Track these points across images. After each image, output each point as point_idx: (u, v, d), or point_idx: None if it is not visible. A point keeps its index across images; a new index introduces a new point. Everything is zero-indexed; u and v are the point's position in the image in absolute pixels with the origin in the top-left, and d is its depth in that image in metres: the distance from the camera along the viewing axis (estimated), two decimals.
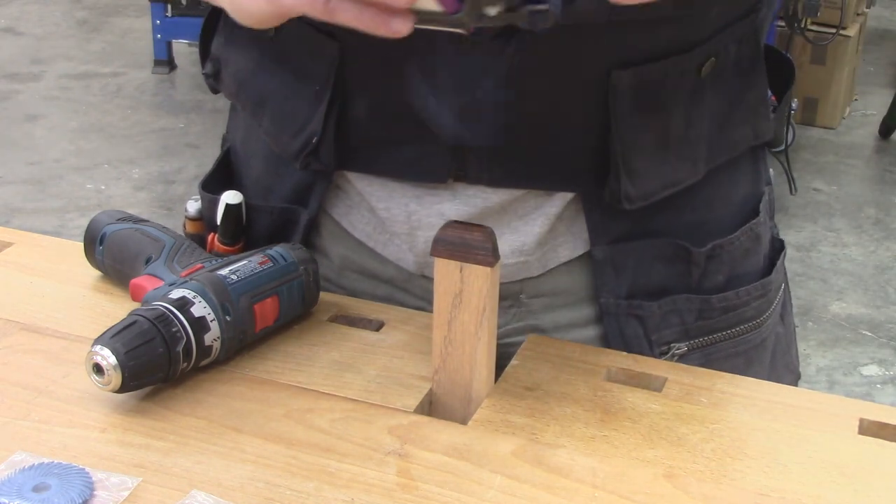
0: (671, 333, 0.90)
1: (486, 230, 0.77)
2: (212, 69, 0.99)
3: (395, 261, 0.92)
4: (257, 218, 0.96)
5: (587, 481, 0.73)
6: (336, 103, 0.86)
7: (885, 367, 2.92)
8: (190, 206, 1.00)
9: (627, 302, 0.89)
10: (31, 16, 5.51)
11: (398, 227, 0.90)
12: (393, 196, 0.89)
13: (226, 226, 0.95)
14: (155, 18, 4.65)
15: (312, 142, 0.87)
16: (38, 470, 0.71)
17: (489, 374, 0.81)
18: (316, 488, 0.71)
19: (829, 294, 3.25)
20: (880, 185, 4.01)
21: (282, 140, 0.91)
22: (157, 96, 4.60)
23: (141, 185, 3.80)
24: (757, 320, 0.94)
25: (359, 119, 0.87)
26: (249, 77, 0.94)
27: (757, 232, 0.94)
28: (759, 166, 0.96)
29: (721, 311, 0.91)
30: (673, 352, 0.90)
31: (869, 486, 0.73)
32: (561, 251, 0.89)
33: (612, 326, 0.89)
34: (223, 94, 1.00)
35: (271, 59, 0.91)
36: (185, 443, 0.75)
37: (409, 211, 0.89)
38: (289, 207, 0.94)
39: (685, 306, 0.90)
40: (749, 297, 0.93)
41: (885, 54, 5.22)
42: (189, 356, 0.79)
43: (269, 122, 0.92)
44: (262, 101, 0.92)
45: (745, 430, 0.78)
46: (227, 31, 0.97)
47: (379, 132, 0.87)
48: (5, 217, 3.52)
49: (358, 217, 0.93)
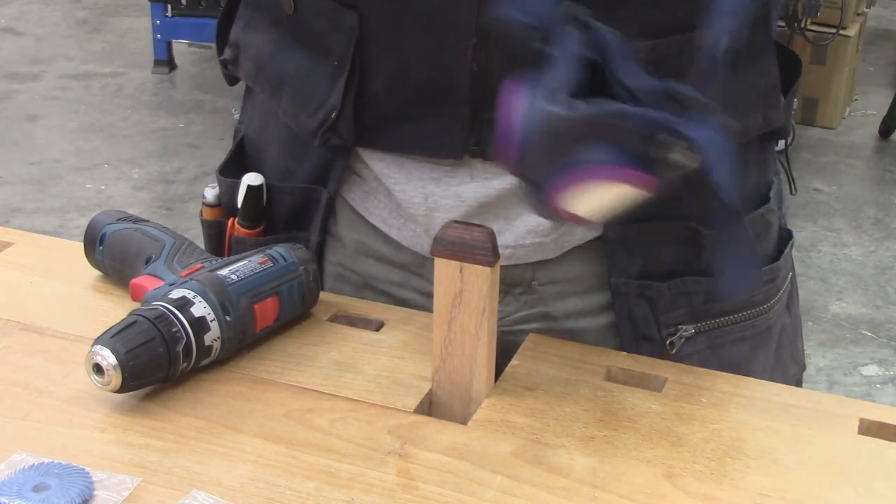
0: (679, 315, 0.91)
1: (487, 230, 0.77)
2: (231, 55, 0.99)
3: (410, 245, 0.93)
4: (278, 199, 0.97)
5: (587, 481, 0.73)
6: (355, 76, 0.87)
7: (885, 367, 2.92)
8: (208, 193, 1.01)
9: (638, 282, 0.90)
10: (31, 16, 5.50)
11: (415, 210, 0.90)
12: (410, 178, 0.89)
13: (247, 208, 0.96)
14: (155, 18, 4.65)
15: (331, 116, 0.88)
16: (38, 470, 0.71)
17: (489, 374, 0.81)
18: (316, 488, 0.71)
19: (829, 294, 3.25)
20: (880, 185, 4.01)
21: (300, 119, 0.91)
22: (157, 96, 4.60)
23: (141, 185, 3.80)
24: (764, 305, 0.95)
25: (377, 93, 0.87)
26: (268, 59, 0.95)
27: (767, 219, 0.95)
28: (769, 155, 0.98)
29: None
30: (681, 333, 0.91)
31: (869, 486, 0.73)
32: (577, 232, 0.90)
33: (622, 307, 0.90)
34: (241, 80, 1.01)
35: (291, 40, 0.92)
36: (185, 443, 0.75)
37: (427, 192, 0.89)
38: (309, 187, 0.95)
39: (694, 288, 0.91)
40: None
41: (885, 54, 5.21)
42: (189, 356, 0.79)
43: (287, 102, 0.93)
44: (281, 82, 0.93)
45: (745, 430, 0.78)
46: (247, 16, 0.98)
47: (397, 106, 0.87)
48: (5, 217, 3.51)
49: (374, 202, 0.93)
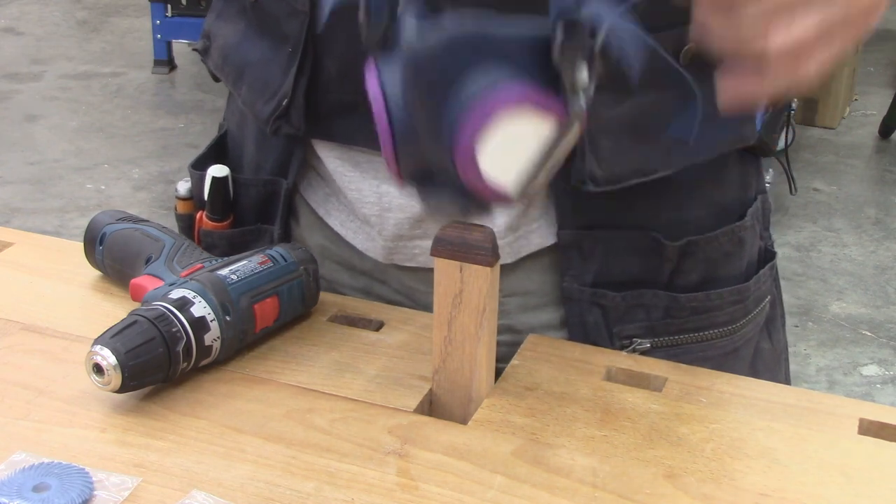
0: (634, 328, 0.89)
1: (486, 230, 0.77)
2: (202, 45, 1.00)
3: (365, 250, 0.93)
4: (245, 192, 0.97)
5: (587, 481, 0.73)
6: (307, 63, 0.87)
7: (885, 367, 2.92)
8: (180, 187, 1.02)
9: (591, 290, 0.88)
10: (31, 16, 5.50)
11: (368, 210, 0.90)
12: (364, 177, 0.89)
13: (213, 200, 0.97)
14: (155, 18, 4.65)
15: (282, 104, 0.88)
16: (38, 470, 0.71)
17: (489, 374, 0.81)
18: (316, 488, 0.71)
19: (829, 294, 3.25)
20: (880, 185, 4.01)
21: (256, 107, 0.91)
22: (157, 96, 4.60)
23: (141, 185, 3.80)
24: (729, 327, 0.92)
25: (330, 82, 0.87)
26: (233, 49, 0.95)
27: (740, 236, 0.92)
28: (749, 172, 0.94)
29: (690, 312, 0.90)
30: (635, 346, 0.89)
31: (869, 486, 0.73)
32: (533, 238, 0.89)
33: (574, 312, 0.89)
34: (212, 71, 1.00)
35: (255, 28, 0.92)
36: (185, 443, 0.75)
37: (381, 192, 0.89)
38: (271, 179, 0.95)
39: (652, 301, 0.89)
40: (722, 301, 0.91)
41: (885, 54, 5.21)
42: (189, 356, 0.79)
43: (247, 91, 0.93)
44: (242, 71, 0.94)
45: (745, 430, 0.78)
46: (219, 7, 0.99)
47: (350, 97, 0.86)
48: (5, 217, 3.51)
49: (334, 204, 0.94)
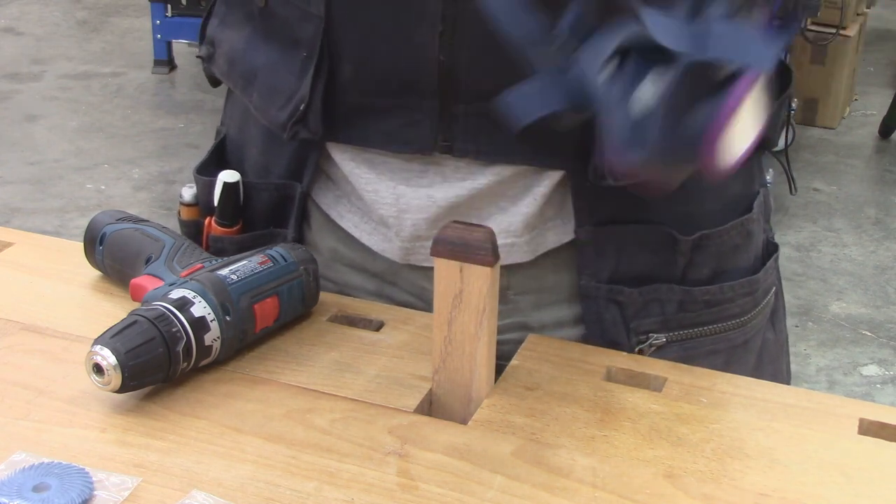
0: (651, 323, 0.90)
1: (486, 230, 0.77)
2: (206, 52, 0.99)
3: (381, 251, 0.92)
4: (255, 196, 0.96)
5: (587, 481, 0.73)
6: (324, 66, 0.87)
7: (885, 367, 2.92)
8: (185, 193, 1.01)
9: (608, 286, 0.88)
10: (31, 16, 5.50)
11: (385, 211, 0.89)
12: (381, 178, 0.89)
13: (224, 206, 0.96)
14: (155, 18, 4.65)
15: (300, 108, 0.87)
16: (38, 470, 0.71)
17: (489, 374, 0.81)
18: (316, 488, 0.71)
19: (829, 294, 3.25)
20: (880, 185, 4.01)
21: (270, 113, 0.91)
22: (157, 96, 4.60)
23: (141, 185, 3.80)
24: (741, 318, 0.93)
25: (346, 85, 0.87)
26: (240, 54, 0.95)
27: (748, 229, 0.94)
28: (753, 167, 0.96)
29: (703, 305, 0.91)
30: (651, 342, 0.90)
31: (869, 486, 0.73)
32: (549, 235, 0.89)
33: (591, 311, 0.89)
34: (218, 77, 1.00)
35: (262, 34, 0.92)
36: (185, 443, 0.75)
37: (398, 193, 0.89)
38: (285, 183, 0.95)
39: (667, 296, 0.89)
40: (734, 293, 0.92)
41: (885, 54, 5.21)
42: (189, 356, 0.79)
43: (258, 97, 0.93)
44: (252, 77, 0.93)
45: (745, 430, 0.78)
46: (222, 13, 0.98)
47: (365, 98, 0.87)
48: (5, 217, 3.51)
49: (346, 206, 0.93)
